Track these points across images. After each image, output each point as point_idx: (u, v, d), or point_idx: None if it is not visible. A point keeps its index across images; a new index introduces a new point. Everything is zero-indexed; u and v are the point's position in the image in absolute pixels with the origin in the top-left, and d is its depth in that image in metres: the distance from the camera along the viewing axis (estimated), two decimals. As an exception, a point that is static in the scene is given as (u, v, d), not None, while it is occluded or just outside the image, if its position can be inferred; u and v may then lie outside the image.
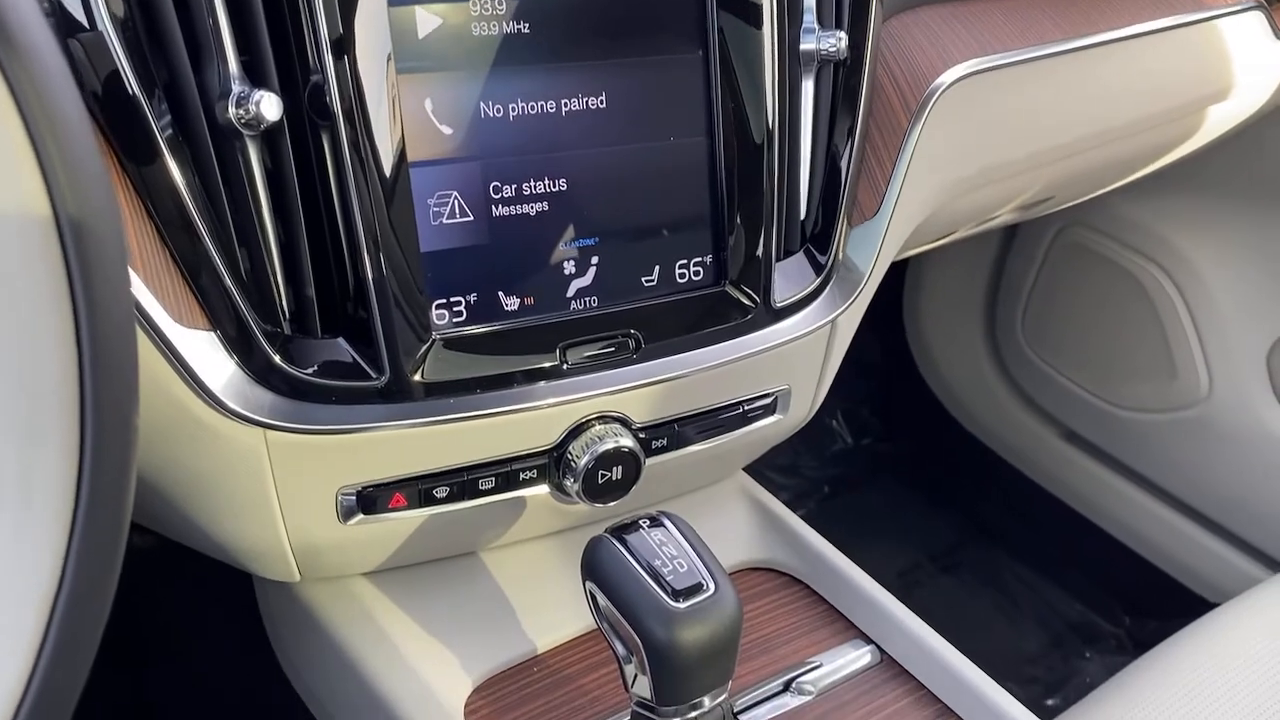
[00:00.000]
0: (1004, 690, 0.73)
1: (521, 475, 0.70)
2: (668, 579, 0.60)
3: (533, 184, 0.64)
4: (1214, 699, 0.97)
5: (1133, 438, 1.50)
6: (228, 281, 0.58)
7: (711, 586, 0.60)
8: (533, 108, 0.63)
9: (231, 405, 0.58)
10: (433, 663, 0.71)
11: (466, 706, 0.70)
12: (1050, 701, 1.42)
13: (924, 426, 1.79)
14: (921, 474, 1.77)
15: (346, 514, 0.66)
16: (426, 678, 0.70)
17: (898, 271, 1.74)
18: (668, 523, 0.63)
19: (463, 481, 0.68)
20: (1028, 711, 0.72)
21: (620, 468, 0.71)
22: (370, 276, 0.60)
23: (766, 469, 1.66)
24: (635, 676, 0.61)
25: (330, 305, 0.61)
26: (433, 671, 0.70)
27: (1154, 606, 1.48)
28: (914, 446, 1.82)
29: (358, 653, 0.72)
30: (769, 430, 0.80)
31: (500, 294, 0.64)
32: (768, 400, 0.78)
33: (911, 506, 1.74)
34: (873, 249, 0.77)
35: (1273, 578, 1.18)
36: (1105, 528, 1.55)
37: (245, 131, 0.56)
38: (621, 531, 0.63)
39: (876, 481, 1.79)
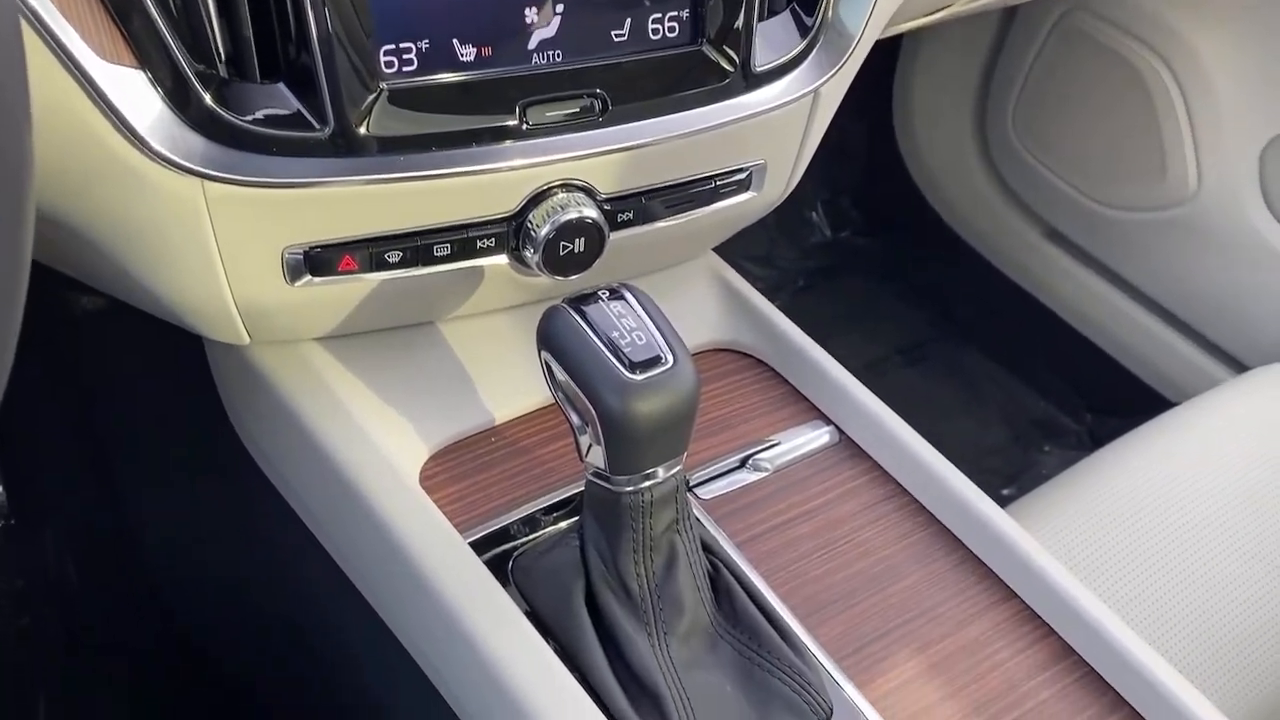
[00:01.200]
0: (959, 472, 0.74)
1: (479, 243, 0.67)
2: (625, 351, 0.58)
3: (492, -83, 0.58)
4: (1164, 493, 0.99)
5: (1115, 237, 1.48)
6: (154, 13, 0.53)
7: (669, 359, 0.59)
8: None
9: (159, 149, 0.54)
10: (387, 430, 0.70)
11: (422, 473, 0.70)
12: (1005, 491, 1.45)
13: (904, 220, 1.76)
14: (898, 269, 1.76)
15: (294, 274, 0.63)
16: (381, 444, 0.69)
17: (889, 55, 1.67)
18: (628, 295, 0.61)
19: (416, 247, 0.65)
20: (982, 493, 0.73)
21: (583, 240, 0.68)
22: (311, 16, 0.55)
23: (742, 259, 1.64)
24: (590, 446, 0.60)
25: (270, 48, 0.57)
26: (387, 438, 0.70)
27: (1118, 406, 1.50)
28: (893, 241, 1.79)
29: (310, 418, 0.70)
30: (741, 208, 0.77)
31: (455, 41, 0.59)
32: (741, 175, 0.75)
33: (885, 301, 1.73)
34: (865, 8, 0.71)
35: (1234, 379, 1.19)
36: (1078, 327, 1.55)
37: None
38: (579, 302, 0.60)
39: (852, 275, 1.77)
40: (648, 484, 0.60)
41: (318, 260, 0.63)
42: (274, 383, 0.72)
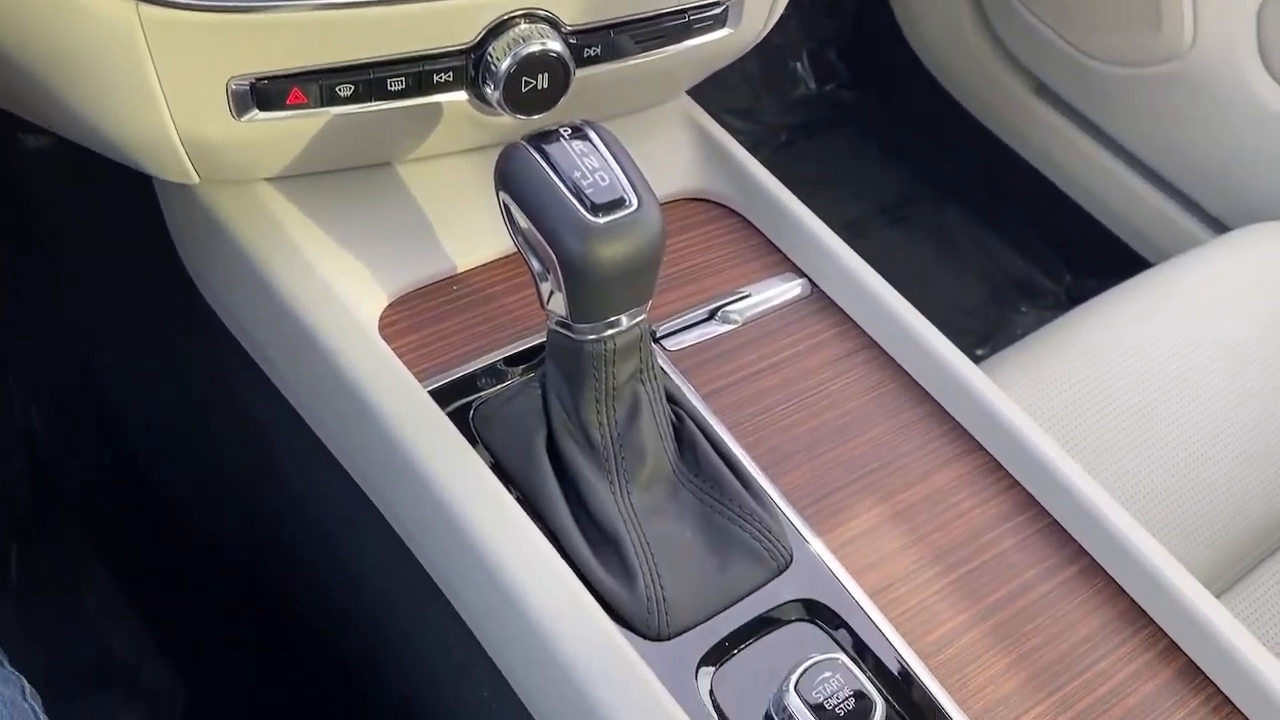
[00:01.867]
0: (931, 325, 0.73)
1: (435, 78, 0.63)
2: (587, 192, 0.56)
3: None
4: (1140, 351, 0.99)
5: (1104, 92, 1.44)
6: None
7: (634, 202, 0.56)
8: None
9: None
10: (345, 275, 0.68)
11: (381, 320, 0.68)
12: (980, 352, 1.45)
13: (891, 73, 1.71)
14: (883, 124, 1.71)
15: (240, 108, 0.60)
16: (338, 290, 0.67)
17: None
18: (591, 133, 0.58)
19: (368, 80, 0.62)
20: (952, 346, 0.72)
21: (546, 76, 0.64)
22: None
23: (723, 112, 1.59)
24: (551, 293, 0.58)
25: None
26: (345, 284, 0.67)
27: (1098, 266, 1.49)
28: (878, 94, 1.74)
29: (265, 263, 0.68)
30: (716, 46, 0.73)
31: None
32: (717, 10, 0.71)
33: (868, 157, 1.69)
34: None
35: (1214, 239, 1.18)
36: (1061, 185, 1.52)
37: None
38: (540, 140, 0.58)
39: (837, 130, 1.72)
40: (610, 332, 0.59)
41: (265, 93, 0.60)
42: (227, 226, 0.70)
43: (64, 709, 1.03)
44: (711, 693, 0.56)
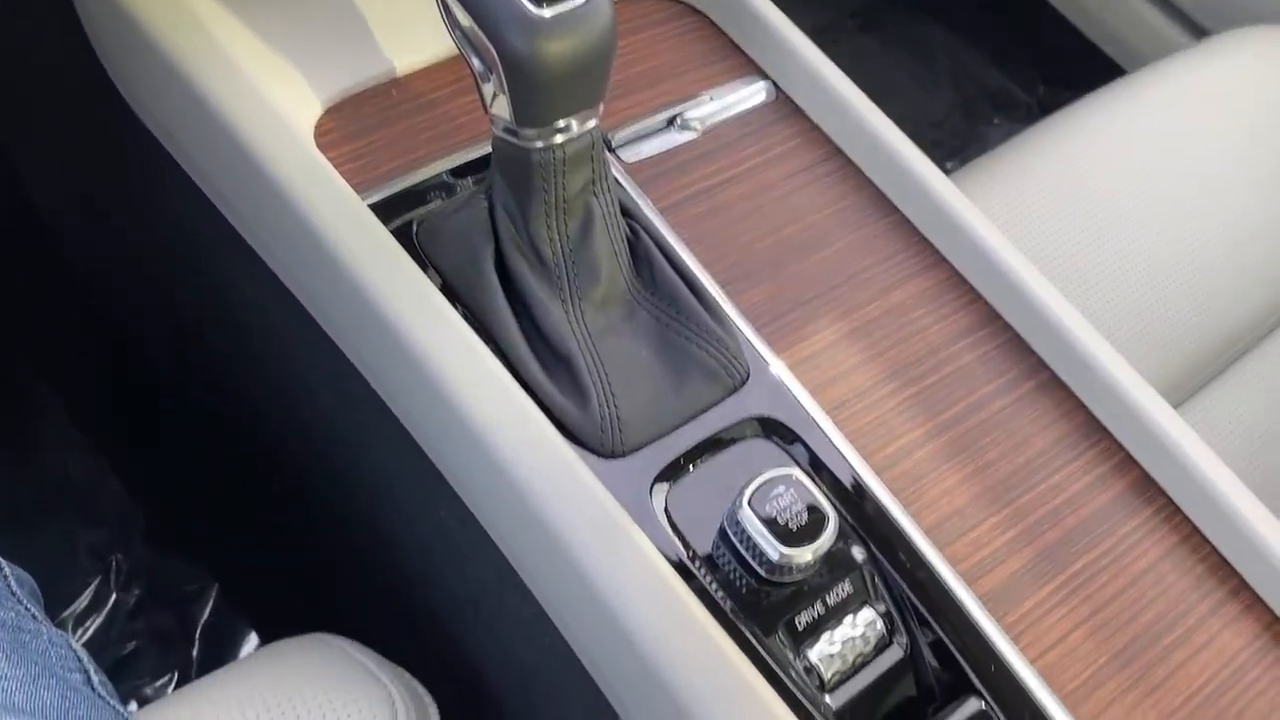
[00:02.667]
0: (901, 133, 0.69)
1: None
2: (531, -17, 0.51)
3: None
4: (1113, 161, 0.96)
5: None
6: None
7: (582, -7, 0.52)
8: None
9: None
10: (277, 80, 0.63)
11: (317, 129, 0.63)
12: (949, 165, 1.42)
13: None
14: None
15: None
16: (270, 97, 0.62)
17: None
18: (535, -83, 0.53)
19: None
20: (921, 154, 0.69)
21: None
22: None
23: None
24: (494, 95, 0.54)
25: None
26: (277, 90, 0.63)
27: (1072, 76, 1.44)
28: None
29: (191, 69, 0.63)
30: None
31: None
32: None
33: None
34: None
35: (1192, 47, 1.13)
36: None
37: None
38: (478, -76, 0.52)
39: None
40: (560, 139, 0.55)
41: None
42: (147, 30, 0.64)
43: (23, 532, 1.03)
44: (666, 509, 0.55)
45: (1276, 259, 0.97)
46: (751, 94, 0.71)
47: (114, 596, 1.05)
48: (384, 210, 0.61)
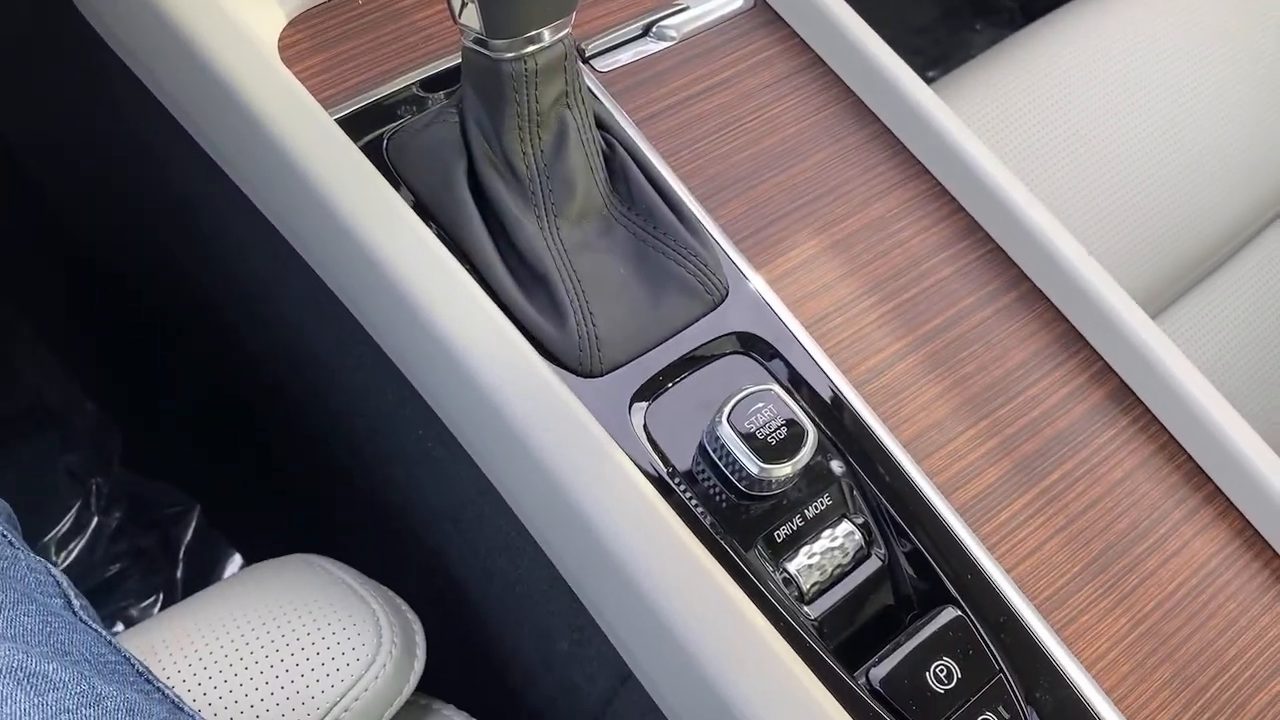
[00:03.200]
0: (881, 41, 0.68)
1: None
2: (498, -116, 0.49)
3: None
4: (1096, 69, 0.95)
5: None
6: None
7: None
8: None
9: None
10: (236, -9, 0.61)
11: (280, 41, 0.61)
12: (931, 74, 1.39)
13: None
14: None
15: None
16: (230, 8, 0.60)
17: None
18: None
19: None
20: (902, 63, 0.67)
21: None
22: None
23: None
24: (463, 4, 0.53)
25: None
26: (237, 0, 0.61)
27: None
28: None
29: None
30: None
31: None
32: None
33: None
34: None
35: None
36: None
37: None
38: None
39: None
40: (531, 49, 0.54)
41: None
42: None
43: (2, 454, 1.02)
44: (645, 427, 0.55)
45: (1258, 167, 0.97)
46: (729, 0, 0.70)
47: (95, 520, 1.05)
48: (352, 125, 0.59)
